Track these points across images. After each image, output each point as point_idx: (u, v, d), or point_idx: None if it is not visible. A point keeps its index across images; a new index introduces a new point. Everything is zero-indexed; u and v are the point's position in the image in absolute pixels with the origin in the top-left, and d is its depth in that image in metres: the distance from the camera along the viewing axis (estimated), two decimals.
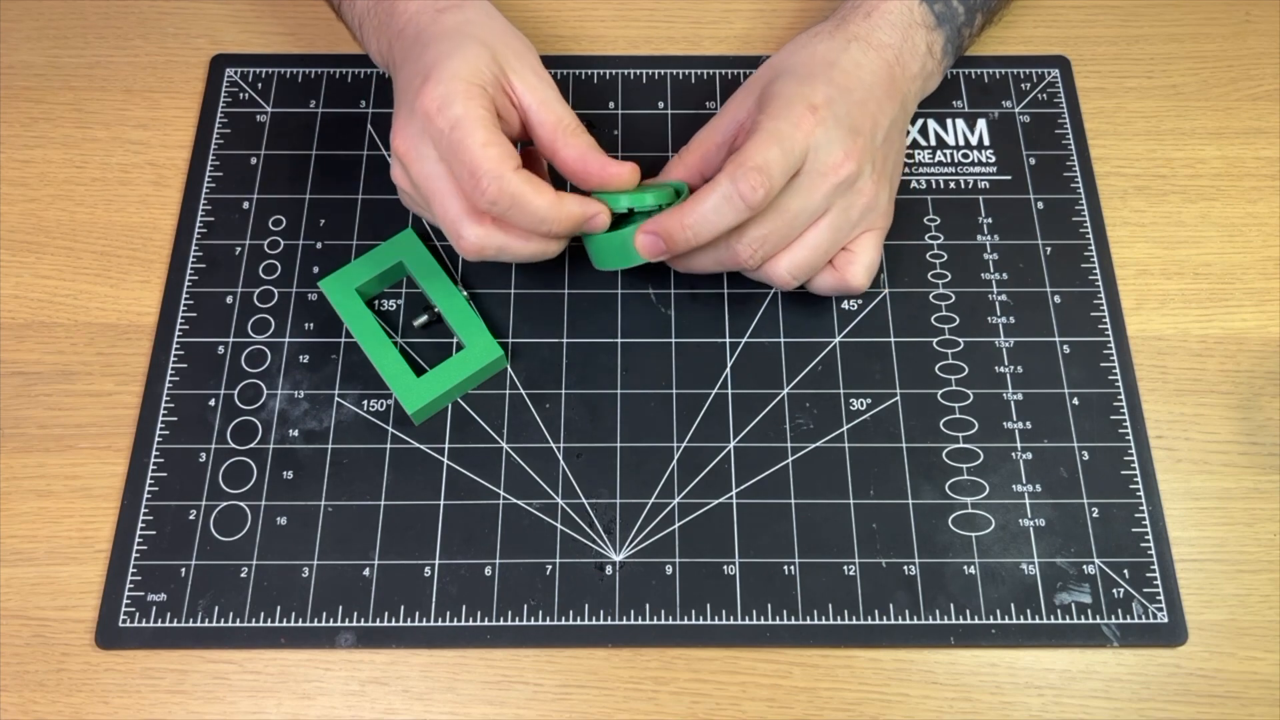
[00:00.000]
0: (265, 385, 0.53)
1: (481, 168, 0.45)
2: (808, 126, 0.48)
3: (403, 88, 0.49)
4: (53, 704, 0.47)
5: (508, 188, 0.46)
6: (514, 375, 0.54)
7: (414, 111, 0.47)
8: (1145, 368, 0.54)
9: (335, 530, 0.50)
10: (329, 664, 0.48)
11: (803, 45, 0.53)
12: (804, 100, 0.48)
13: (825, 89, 0.49)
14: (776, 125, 0.48)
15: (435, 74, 0.47)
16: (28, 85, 0.61)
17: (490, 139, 0.46)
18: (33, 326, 0.55)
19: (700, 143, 0.53)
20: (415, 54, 0.49)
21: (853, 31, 0.53)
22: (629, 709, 0.48)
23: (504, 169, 0.45)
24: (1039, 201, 0.58)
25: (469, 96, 0.46)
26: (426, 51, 0.48)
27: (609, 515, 0.51)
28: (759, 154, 0.47)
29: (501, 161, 0.46)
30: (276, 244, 0.57)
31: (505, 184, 0.45)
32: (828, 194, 0.49)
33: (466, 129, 0.45)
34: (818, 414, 0.53)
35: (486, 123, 0.46)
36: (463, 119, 0.46)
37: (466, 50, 0.48)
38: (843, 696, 0.48)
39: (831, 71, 0.50)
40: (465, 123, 0.46)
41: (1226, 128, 0.60)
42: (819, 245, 0.50)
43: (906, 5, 0.54)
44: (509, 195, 0.46)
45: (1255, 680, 0.48)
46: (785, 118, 0.48)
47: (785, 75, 0.51)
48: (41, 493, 0.51)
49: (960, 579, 0.49)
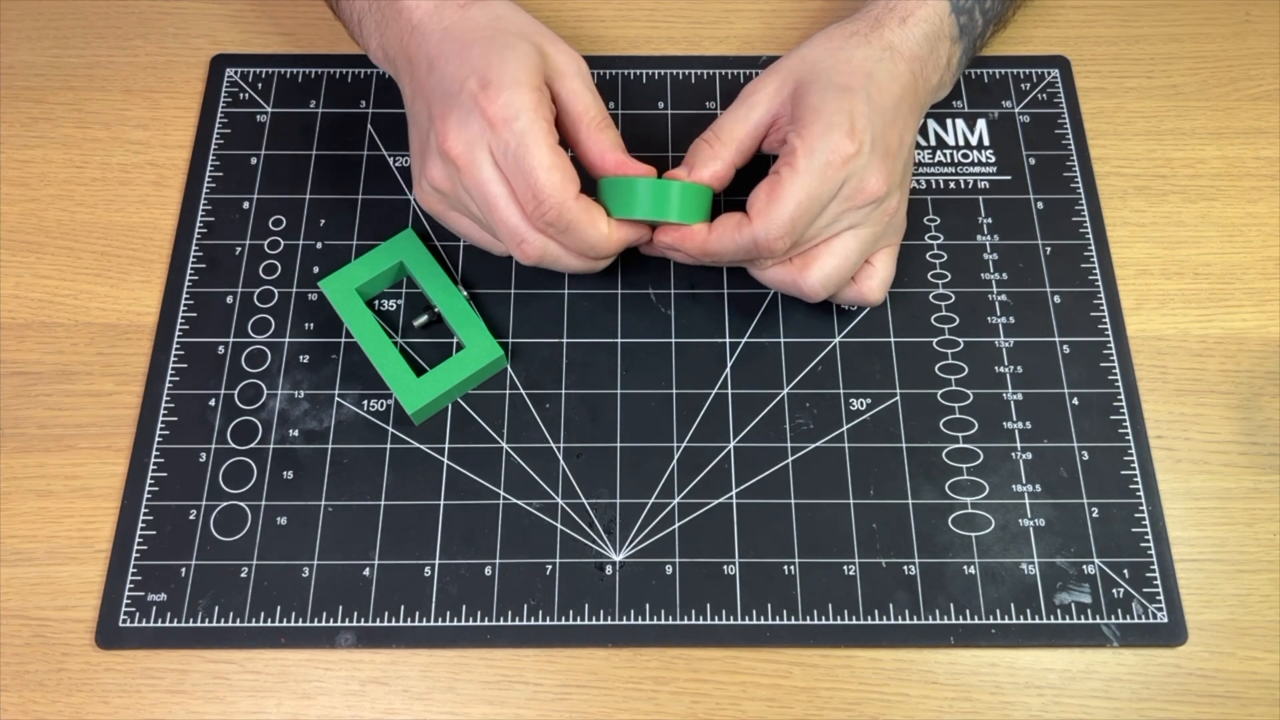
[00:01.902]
0: (265, 385, 0.53)
1: (544, 191, 0.46)
2: (846, 157, 0.47)
3: (448, 89, 0.48)
4: (53, 704, 0.47)
5: (566, 214, 0.47)
6: (514, 375, 0.54)
7: (471, 115, 0.47)
8: (1145, 368, 0.54)
9: (335, 530, 0.50)
10: (329, 664, 0.48)
11: (839, 46, 0.51)
12: (845, 125, 0.48)
13: (864, 107, 0.49)
14: (812, 164, 0.47)
15: (496, 78, 0.46)
16: (28, 85, 0.61)
17: (555, 161, 0.46)
18: (33, 326, 0.55)
19: (734, 137, 0.51)
20: (454, 52, 0.48)
21: (888, 39, 0.52)
22: (629, 709, 0.48)
23: (566, 195, 0.46)
24: (1039, 201, 0.58)
25: (534, 109, 0.46)
26: (471, 50, 0.48)
27: (609, 515, 0.51)
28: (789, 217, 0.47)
29: (564, 188, 0.46)
30: (276, 244, 0.57)
31: (565, 211, 0.46)
32: (860, 214, 0.49)
33: (532, 148, 0.46)
34: (818, 414, 0.53)
35: (550, 140, 0.46)
36: (527, 135, 0.46)
37: (519, 49, 0.48)
38: (843, 696, 0.48)
39: (869, 85, 0.49)
40: (530, 139, 0.46)
41: (1226, 128, 0.60)
42: (849, 257, 0.50)
43: (938, 15, 0.53)
44: (566, 221, 0.47)
45: (1255, 680, 0.48)
46: (822, 150, 0.47)
47: (822, 82, 0.50)
48: (41, 493, 0.51)
49: (960, 579, 0.49)
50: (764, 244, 0.48)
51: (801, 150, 0.47)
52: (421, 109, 0.50)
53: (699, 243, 0.49)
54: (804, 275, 0.50)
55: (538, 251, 0.48)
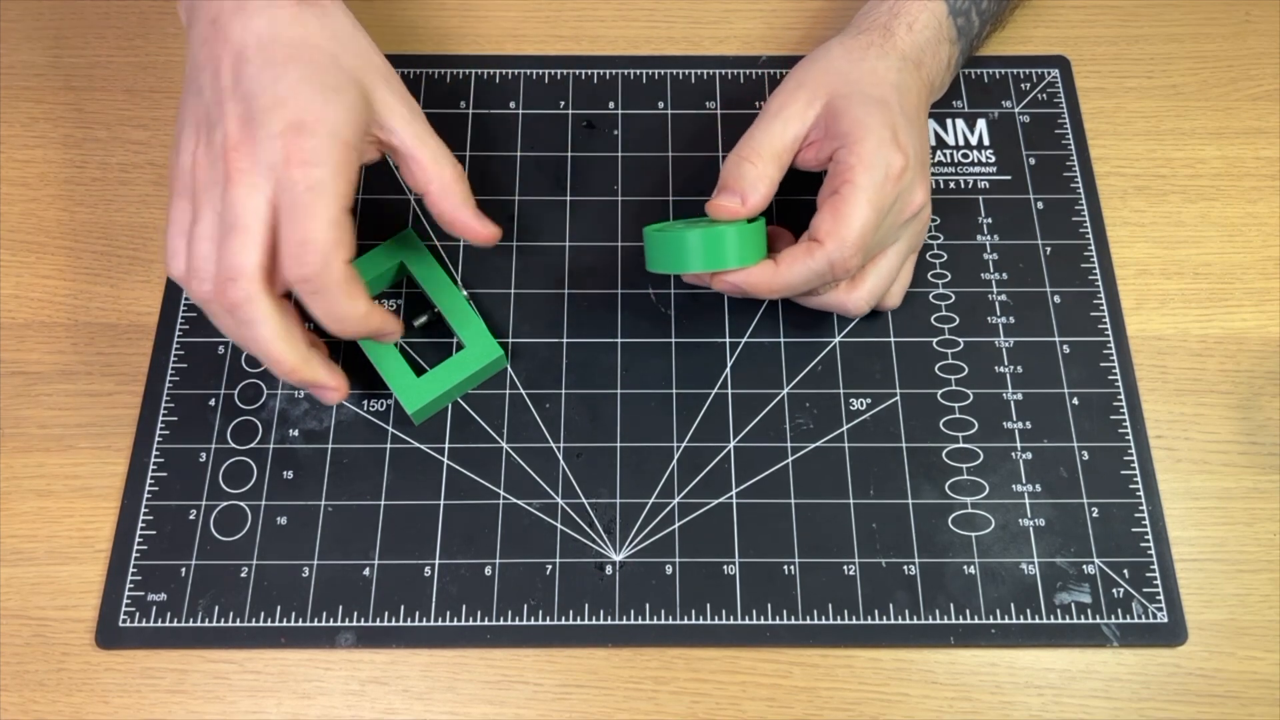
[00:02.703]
0: (265, 385, 0.53)
1: (317, 242, 0.42)
2: (900, 170, 0.47)
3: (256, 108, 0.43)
4: (53, 704, 0.47)
5: (329, 274, 0.43)
6: (514, 375, 0.54)
7: (268, 141, 0.42)
8: (1145, 368, 0.54)
9: (335, 530, 0.50)
10: (329, 664, 0.48)
11: (860, 58, 0.51)
12: (892, 139, 0.48)
13: (901, 119, 0.49)
14: (872, 178, 0.47)
15: (311, 122, 0.43)
16: (28, 85, 0.61)
17: (338, 220, 0.43)
18: (33, 326, 0.55)
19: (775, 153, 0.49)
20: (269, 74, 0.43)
21: (902, 48, 0.52)
22: (629, 709, 0.48)
23: (337, 255, 0.43)
24: (1039, 201, 0.58)
25: (340, 164, 0.43)
26: (287, 70, 0.43)
27: (609, 515, 0.51)
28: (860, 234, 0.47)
29: (336, 247, 0.43)
30: None
31: (330, 269, 0.43)
32: (905, 227, 0.50)
33: (320, 198, 0.42)
34: (818, 414, 0.53)
35: (343, 202, 0.43)
36: (322, 186, 0.43)
37: (343, 97, 0.44)
38: (843, 696, 0.48)
39: (899, 97, 0.50)
40: (323, 191, 0.43)
41: (1226, 128, 0.60)
42: (892, 271, 0.51)
43: (938, 19, 0.53)
44: (323, 281, 0.43)
45: (1255, 680, 0.48)
46: (880, 164, 0.47)
47: (859, 95, 0.49)
48: (41, 493, 0.51)
49: (960, 579, 0.49)
50: (840, 264, 0.47)
51: (860, 166, 0.47)
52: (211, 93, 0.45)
53: (768, 281, 0.48)
54: (851, 295, 0.50)
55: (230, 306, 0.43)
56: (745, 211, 0.48)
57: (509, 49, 0.63)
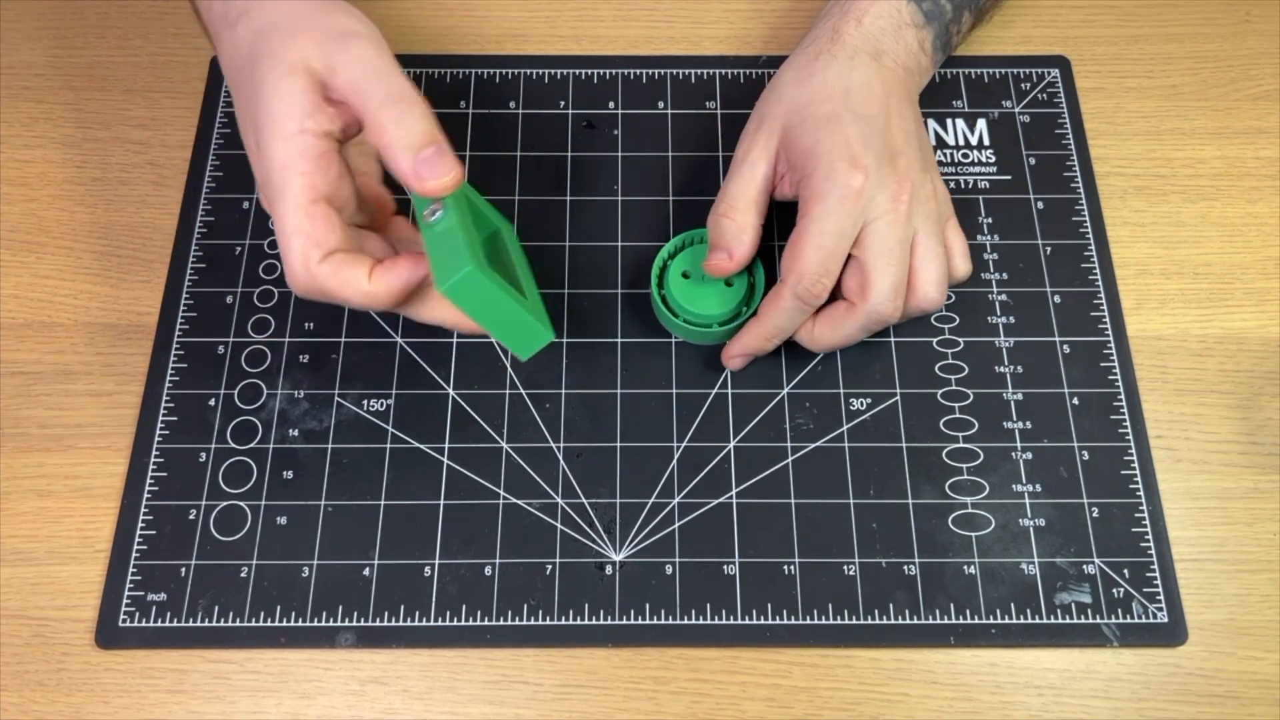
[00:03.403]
0: (265, 385, 0.53)
1: (287, 259, 0.43)
2: (856, 191, 0.48)
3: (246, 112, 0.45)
4: (53, 704, 0.47)
5: (311, 284, 0.43)
6: (514, 375, 0.54)
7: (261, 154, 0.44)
8: (1145, 368, 0.54)
9: (335, 530, 0.50)
10: (329, 664, 0.48)
11: (807, 74, 0.51)
12: (845, 157, 0.48)
13: (854, 127, 0.49)
14: (824, 211, 0.48)
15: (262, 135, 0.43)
16: (28, 85, 0.61)
17: (298, 225, 0.42)
18: (33, 326, 0.55)
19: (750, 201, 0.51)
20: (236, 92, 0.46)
21: (850, 46, 0.52)
22: (629, 709, 0.48)
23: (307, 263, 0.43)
24: (1039, 201, 0.58)
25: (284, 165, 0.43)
26: (241, 94, 0.46)
27: (609, 515, 0.51)
28: (814, 260, 0.48)
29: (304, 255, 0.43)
30: (277, 244, 0.57)
31: (308, 282, 0.43)
32: (905, 220, 0.49)
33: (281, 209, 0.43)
34: (818, 414, 0.53)
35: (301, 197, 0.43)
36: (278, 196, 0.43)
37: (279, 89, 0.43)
38: (843, 696, 0.48)
39: (850, 101, 0.50)
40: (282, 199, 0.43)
41: (1226, 128, 0.60)
42: (936, 251, 0.50)
43: (894, 6, 0.53)
44: (315, 290, 0.44)
45: (1255, 680, 0.48)
46: (830, 195, 0.48)
47: (807, 120, 0.50)
48: (41, 493, 0.51)
49: (960, 579, 0.49)
50: (805, 295, 0.48)
51: (812, 199, 0.48)
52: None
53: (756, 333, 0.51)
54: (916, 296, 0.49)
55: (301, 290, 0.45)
56: (734, 266, 0.51)
57: (509, 49, 0.63)
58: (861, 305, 0.49)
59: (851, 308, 0.49)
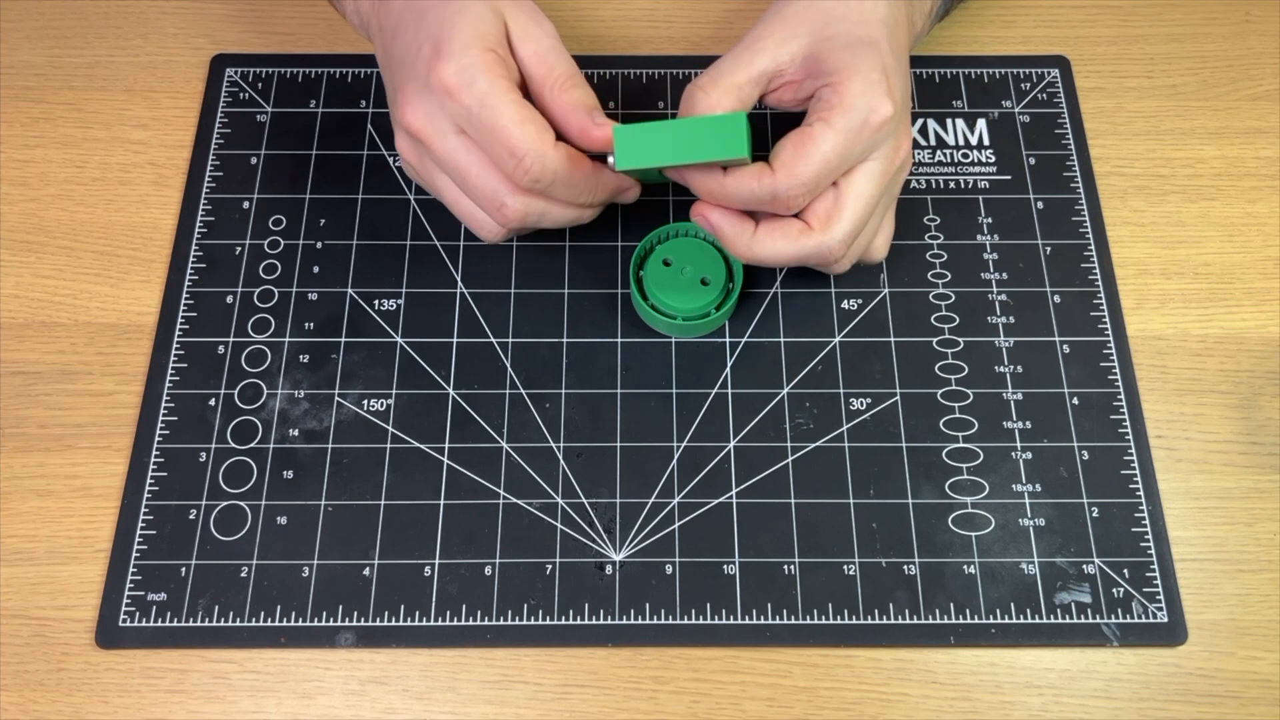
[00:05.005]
0: (265, 385, 0.53)
1: (521, 147, 0.44)
2: (882, 120, 0.45)
3: (405, 58, 0.47)
4: (53, 704, 0.47)
5: (550, 165, 0.45)
6: (514, 375, 0.54)
7: (429, 86, 0.45)
8: (1145, 367, 0.54)
9: (335, 530, 0.50)
10: (329, 664, 0.48)
11: None
12: (883, 84, 0.45)
13: (892, 61, 0.46)
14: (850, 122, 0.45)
15: (447, 44, 0.45)
16: (28, 85, 0.61)
17: (524, 115, 0.44)
18: (33, 326, 0.55)
19: (734, 84, 0.47)
20: (412, 19, 0.47)
21: None
22: (629, 709, 0.48)
23: (544, 146, 0.45)
24: (1039, 201, 0.58)
25: (489, 68, 0.45)
26: (425, 17, 0.46)
27: (609, 515, 0.51)
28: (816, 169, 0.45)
29: (540, 139, 0.45)
30: (276, 244, 0.57)
31: (548, 162, 0.45)
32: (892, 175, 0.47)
33: (496, 107, 0.44)
34: (818, 414, 0.53)
35: (515, 96, 0.45)
36: (489, 95, 0.44)
37: (471, 11, 0.46)
38: (843, 696, 0.48)
39: (889, 37, 0.47)
40: (492, 99, 0.44)
41: (1226, 128, 0.60)
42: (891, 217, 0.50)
43: None
44: (551, 172, 0.45)
45: (1255, 680, 0.48)
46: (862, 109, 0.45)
47: (845, 34, 0.46)
48: (41, 492, 0.51)
49: (960, 578, 0.49)
50: (784, 197, 0.45)
51: (840, 107, 0.45)
52: (388, 80, 0.49)
53: (710, 188, 0.47)
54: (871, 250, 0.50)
55: (519, 213, 0.47)
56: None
57: None
58: (819, 234, 0.46)
59: (807, 230, 0.47)
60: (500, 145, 0.45)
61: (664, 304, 0.53)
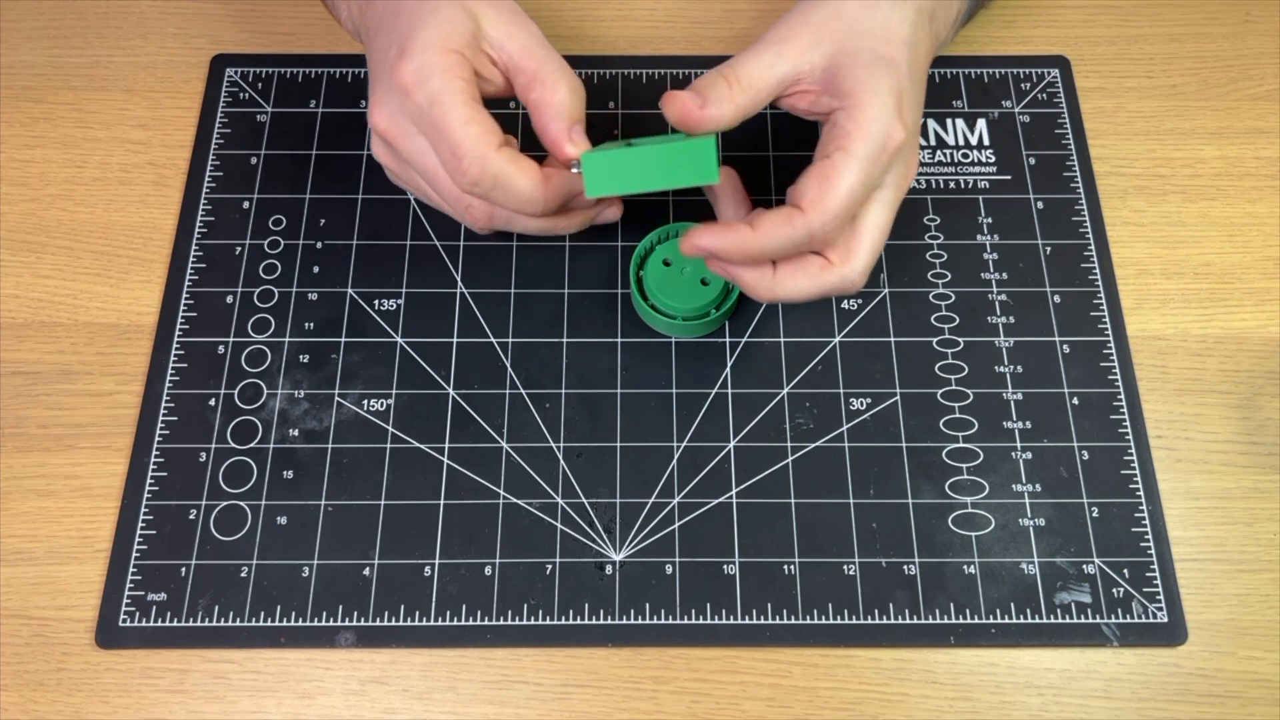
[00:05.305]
0: (265, 385, 0.53)
1: (462, 147, 0.44)
2: (898, 143, 0.45)
3: (378, 59, 0.47)
4: (53, 704, 0.47)
5: (489, 167, 0.44)
6: (514, 375, 0.54)
7: (391, 86, 0.45)
8: (1145, 367, 0.54)
9: (335, 530, 0.50)
10: (329, 664, 0.48)
11: (872, 4, 0.47)
12: (895, 107, 0.45)
13: (908, 83, 0.46)
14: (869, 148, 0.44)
15: (410, 44, 0.45)
16: (28, 85, 0.61)
17: (470, 115, 0.44)
18: (33, 326, 0.55)
19: (754, 85, 0.46)
20: (389, 22, 0.47)
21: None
22: (629, 708, 0.48)
23: (485, 148, 0.44)
24: (1039, 201, 0.58)
25: (446, 69, 0.44)
26: (399, 19, 0.46)
27: (609, 515, 0.51)
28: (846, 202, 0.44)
29: (483, 140, 0.44)
30: (276, 244, 0.57)
31: (487, 164, 0.44)
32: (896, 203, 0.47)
33: (445, 105, 0.44)
34: (818, 414, 0.53)
35: (466, 97, 0.44)
36: (440, 94, 0.44)
37: (439, 13, 0.45)
38: (843, 696, 0.48)
39: (909, 56, 0.46)
40: (443, 98, 0.44)
41: (1226, 128, 0.60)
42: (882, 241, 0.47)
43: None
44: (491, 175, 0.44)
45: (1255, 680, 0.48)
46: (878, 134, 0.44)
47: (866, 51, 0.46)
48: (41, 492, 0.51)
49: (960, 578, 0.49)
50: (820, 235, 0.45)
51: (857, 134, 0.44)
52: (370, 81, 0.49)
53: (744, 246, 0.45)
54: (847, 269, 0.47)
55: (485, 214, 0.47)
56: (698, 114, 0.45)
57: None
58: (840, 267, 0.46)
59: (828, 266, 0.46)
60: (444, 144, 0.44)
61: (664, 304, 0.53)
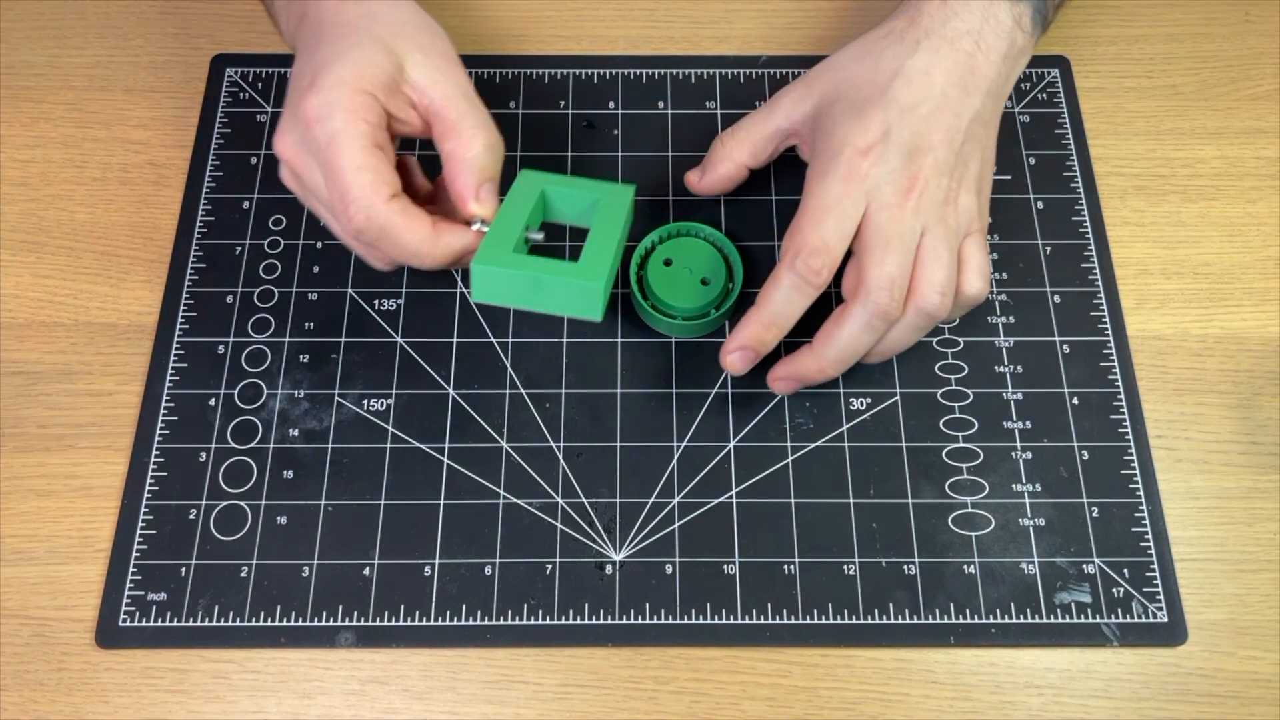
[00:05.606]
0: (265, 385, 0.53)
1: (350, 193, 0.43)
2: (859, 176, 0.47)
3: (293, 84, 0.46)
4: (53, 704, 0.47)
5: (376, 218, 0.44)
6: (514, 375, 0.54)
7: (296, 116, 0.44)
8: (1145, 367, 0.54)
9: (335, 530, 0.50)
10: (329, 663, 0.48)
11: (868, 51, 0.50)
12: (853, 145, 0.47)
13: (880, 118, 0.47)
14: (824, 189, 0.47)
15: (322, 78, 0.44)
16: (28, 85, 0.61)
17: (364, 161, 0.43)
18: (33, 326, 0.55)
19: (749, 138, 0.53)
20: (311, 46, 0.46)
21: (925, 27, 0.49)
22: (629, 708, 0.48)
23: (374, 197, 0.43)
24: (1039, 201, 0.58)
25: (351, 109, 0.44)
26: (320, 48, 0.46)
27: (609, 515, 0.51)
28: (812, 234, 0.47)
29: (373, 189, 0.43)
30: (276, 244, 0.57)
31: (374, 214, 0.43)
32: (911, 216, 0.47)
33: (341, 147, 0.43)
34: (818, 414, 0.53)
35: (366, 141, 0.44)
36: (339, 135, 0.43)
37: (359, 51, 0.45)
38: (843, 696, 0.48)
39: (893, 88, 0.48)
40: (340, 140, 0.43)
41: (1226, 128, 0.60)
42: (941, 254, 0.47)
43: None
44: (377, 226, 0.44)
45: (1255, 680, 0.48)
46: (833, 175, 0.47)
47: (842, 101, 0.49)
48: (41, 492, 0.51)
49: (960, 578, 0.49)
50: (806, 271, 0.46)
51: (814, 177, 0.48)
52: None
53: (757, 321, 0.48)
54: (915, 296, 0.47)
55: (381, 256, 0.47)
56: (699, 183, 0.54)
57: (509, 49, 0.63)
58: (858, 299, 0.47)
59: (848, 305, 0.48)
60: (334, 186, 0.44)
61: (664, 304, 0.53)
